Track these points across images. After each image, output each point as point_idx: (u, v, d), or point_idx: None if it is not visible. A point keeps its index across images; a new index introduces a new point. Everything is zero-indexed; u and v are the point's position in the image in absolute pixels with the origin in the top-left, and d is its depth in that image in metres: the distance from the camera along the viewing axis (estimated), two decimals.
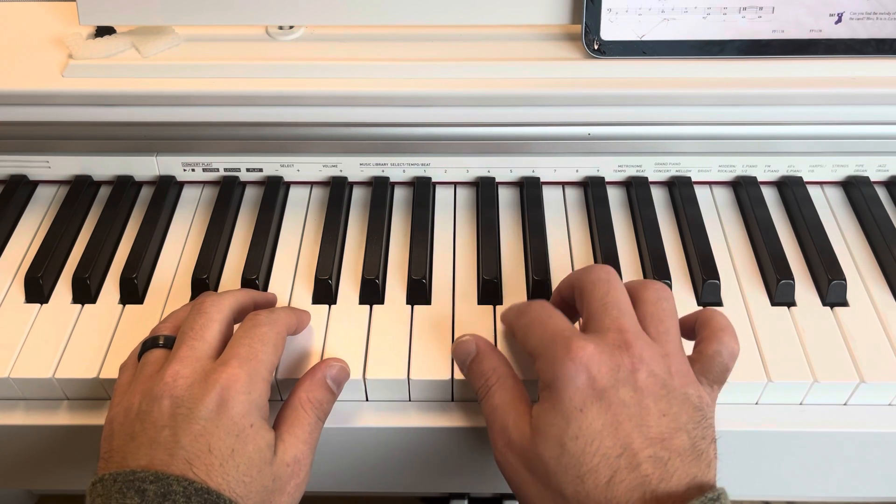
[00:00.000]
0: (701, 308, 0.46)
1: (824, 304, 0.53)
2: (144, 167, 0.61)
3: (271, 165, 0.60)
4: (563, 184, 0.62)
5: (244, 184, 0.62)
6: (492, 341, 0.50)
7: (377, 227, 0.57)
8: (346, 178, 0.61)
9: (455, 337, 0.50)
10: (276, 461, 0.42)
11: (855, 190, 0.60)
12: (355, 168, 0.60)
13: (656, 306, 0.43)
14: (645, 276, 0.55)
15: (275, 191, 0.60)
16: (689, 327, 0.46)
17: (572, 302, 0.47)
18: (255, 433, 0.41)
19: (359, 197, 0.62)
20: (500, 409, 0.42)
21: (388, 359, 0.49)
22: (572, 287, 0.47)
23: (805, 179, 0.61)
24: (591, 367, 0.39)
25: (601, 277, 0.44)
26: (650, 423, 0.39)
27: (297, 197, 0.61)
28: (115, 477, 0.39)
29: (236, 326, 0.46)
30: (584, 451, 0.38)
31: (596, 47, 0.57)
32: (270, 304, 0.52)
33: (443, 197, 0.61)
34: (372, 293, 0.53)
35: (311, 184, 0.62)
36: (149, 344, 0.45)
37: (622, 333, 0.41)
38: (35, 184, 0.63)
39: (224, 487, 0.39)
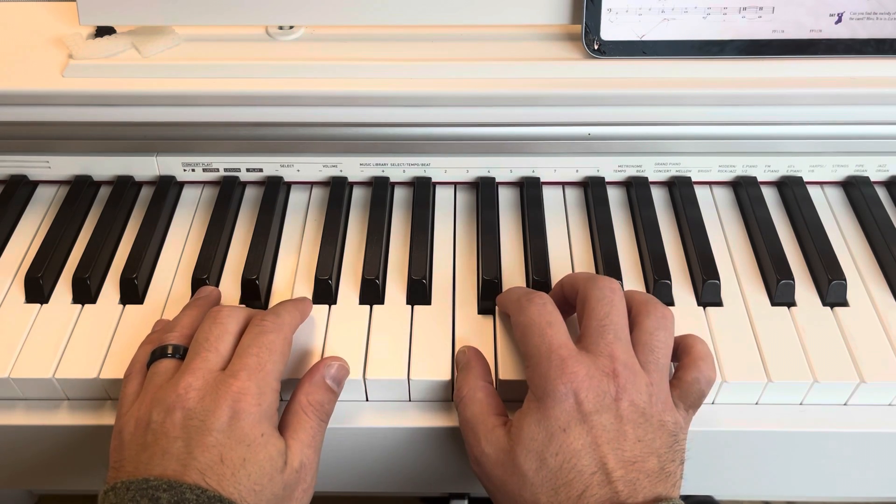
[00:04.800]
0: (684, 334, 0.48)
1: (824, 304, 0.53)
2: (144, 167, 0.61)
3: (271, 165, 0.60)
4: (563, 184, 0.62)
5: (244, 184, 0.62)
6: (491, 341, 0.50)
7: (377, 228, 0.57)
8: (346, 178, 0.61)
9: (455, 337, 0.51)
10: (287, 468, 0.42)
11: (855, 190, 0.60)
12: (355, 168, 0.60)
13: (652, 336, 0.45)
14: (645, 277, 0.55)
15: (275, 191, 0.60)
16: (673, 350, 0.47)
17: (572, 300, 0.48)
18: (265, 442, 0.41)
19: (359, 197, 0.62)
20: (471, 422, 0.45)
21: (388, 359, 0.49)
22: (575, 290, 0.47)
23: (805, 179, 0.61)
24: (580, 393, 0.41)
25: (605, 295, 0.45)
26: (625, 447, 0.41)
27: (297, 197, 0.61)
28: (128, 485, 0.39)
29: None
30: (562, 468, 0.40)
31: (596, 47, 0.57)
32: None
33: (443, 197, 0.61)
34: (372, 293, 0.53)
35: (311, 184, 0.62)
36: (157, 353, 0.45)
37: (613, 361, 0.42)
38: (35, 184, 0.63)
39: (236, 496, 0.39)
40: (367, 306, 0.53)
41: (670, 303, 0.53)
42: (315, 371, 0.46)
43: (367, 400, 0.50)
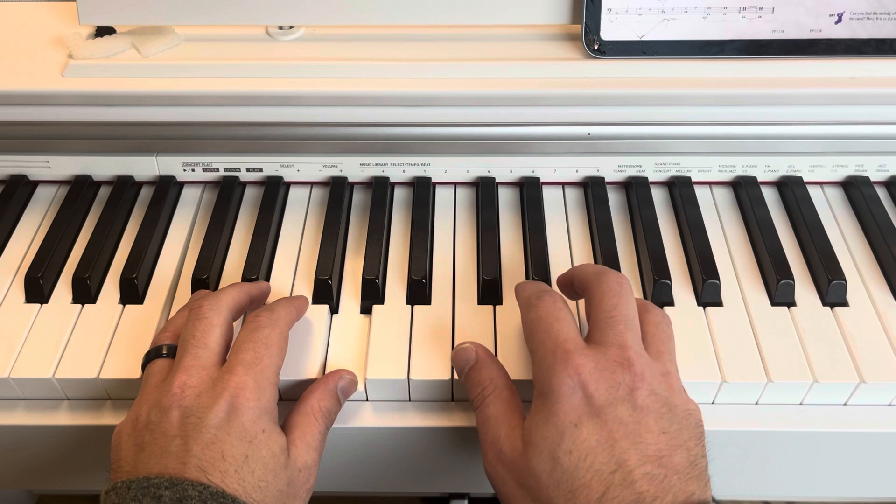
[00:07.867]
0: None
1: (824, 304, 0.53)
2: (144, 167, 0.61)
3: (271, 165, 0.60)
4: (563, 184, 0.62)
5: (244, 184, 0.62)
6: (492, 342, 0.50)
7: (377, 227, 0.57)
8: (346, 178, 0.61)
9: (455, 337, 0.50)
10: (290, 465, 0.42)
11: (855, 190, 0.60)
12: (355, 168, 0.60)
13: (658, 328, 0.44)
14: (644, 277, 0.55)
15: (275, 191, 0.60)
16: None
17: (581, 292, 0.47)
18: (267, 438, 0.41)
19: (359, 197, 0.62)
20: (494, 420, 0.42)
21: (388, 359, 0.49)
22: (582, 285, 0.46)
23: (805, 179, 0.61)
24: (589, 385, 0.39)
25: (612, 288, 0.44)
26: (648, 440, 0.38)
27: (297, 197, 0.61)
28: (129, 484, 0.38)
29: (235, 324, 0.46)
30: (578, 467, 0.38)
31: (596, 47, 0.57)
32: (264, 294, 0.52)
33: (443, 197, 0.61)
34: (372, 293, 0.53)
35: (311, 184, 0.62)
36: (152, 354, 0.45)
37: (624, 350, 0.41)
38: (35, 184, 0.63)
39: (241, 493, 0.39)
40: (368, 306, 0.53)
41: (670, 303, 0.53)
42: (329, 379, 0.46)
43: (367, 400, 0.50)
